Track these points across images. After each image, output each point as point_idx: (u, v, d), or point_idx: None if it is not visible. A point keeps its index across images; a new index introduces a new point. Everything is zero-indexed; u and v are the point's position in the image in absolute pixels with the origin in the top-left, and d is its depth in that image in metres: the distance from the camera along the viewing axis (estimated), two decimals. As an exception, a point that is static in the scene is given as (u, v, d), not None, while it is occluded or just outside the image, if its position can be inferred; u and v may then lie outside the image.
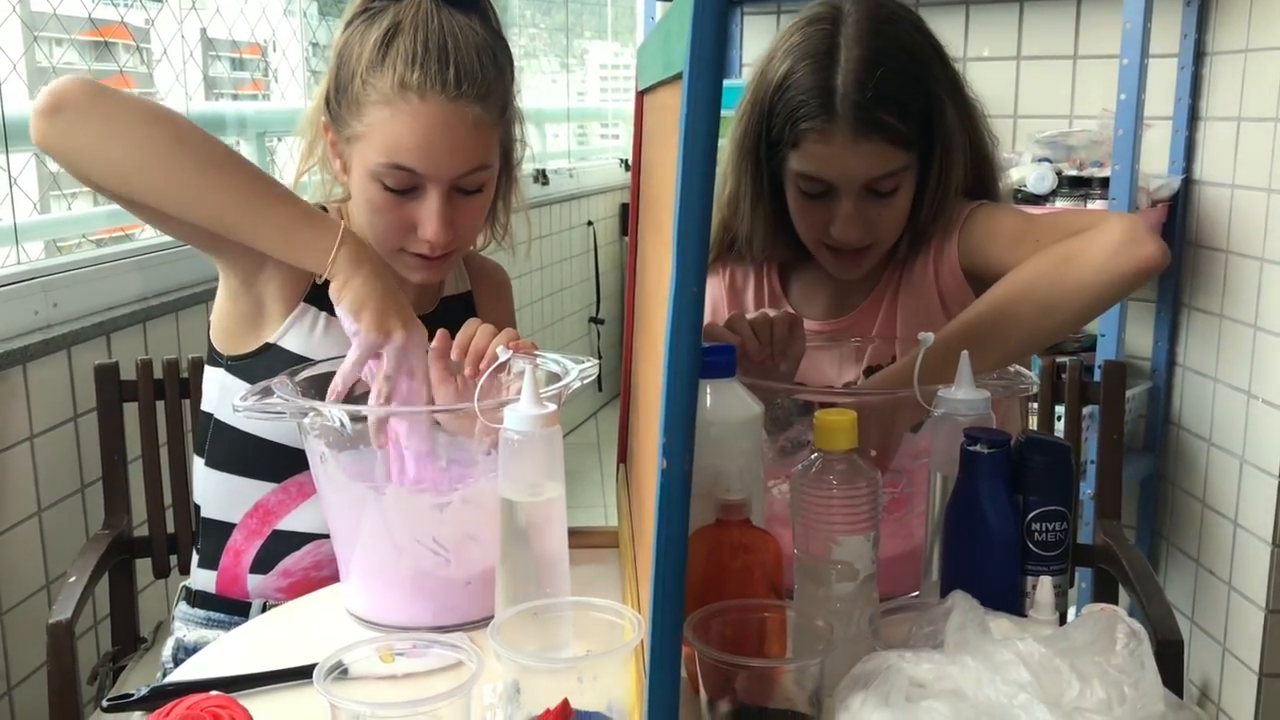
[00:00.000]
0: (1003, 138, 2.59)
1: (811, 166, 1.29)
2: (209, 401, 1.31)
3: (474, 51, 1.20)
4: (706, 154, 0.59)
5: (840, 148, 1.26)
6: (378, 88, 1.18)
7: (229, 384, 1.27)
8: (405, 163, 1.18)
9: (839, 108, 1.25)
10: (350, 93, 1.20)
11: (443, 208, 1.20)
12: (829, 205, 1.31)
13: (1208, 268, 2.33)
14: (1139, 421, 2.49)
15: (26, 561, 1.71)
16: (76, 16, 2.09)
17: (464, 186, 1.22)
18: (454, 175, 1.20)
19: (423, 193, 1.21)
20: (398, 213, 1.22)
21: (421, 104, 1.17)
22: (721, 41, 0.57)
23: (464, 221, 1.25)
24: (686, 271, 0.61)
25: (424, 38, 1.18)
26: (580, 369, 1.09)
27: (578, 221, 4.29)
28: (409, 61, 1.17)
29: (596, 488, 3.43)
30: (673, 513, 0.63)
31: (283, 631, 1.12)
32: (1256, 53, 2.15)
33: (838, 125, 1.25)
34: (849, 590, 0.94)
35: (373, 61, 1.18)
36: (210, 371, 1.31)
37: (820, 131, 1.26)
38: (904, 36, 1.29)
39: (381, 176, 1.20)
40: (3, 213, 1.83)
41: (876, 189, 1.29)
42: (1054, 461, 0.97)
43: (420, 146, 1.18)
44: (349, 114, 1.21)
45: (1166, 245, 1.16)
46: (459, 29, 1.20)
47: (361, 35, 1.21)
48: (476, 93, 1.19)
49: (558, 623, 0.90)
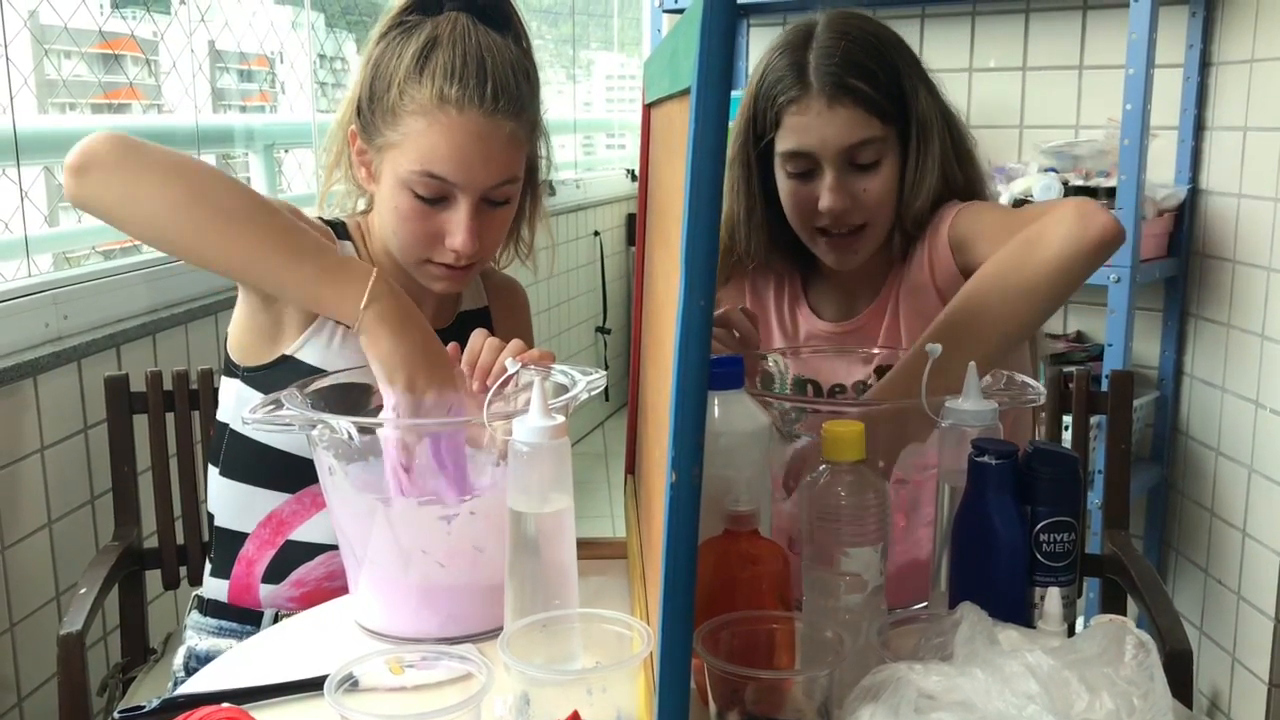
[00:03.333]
0: (1008, 148, 2.61)
1: (793, 141, 1.35)
2: (225, 412, 1.32)
3: (509, 69, 1.22)
4: (714, 168, 0.59)
5: (816, 116, 1.33)
6: (415, 98, 1.20)
7: (245, 395, 1.28)
8: (439, 172, 1.20)
9: (811, 79, 1.33)
10: (386, 102, 1.22)
11: (471, 218, 1.22)
12: (815, 183, 1.35)
13: (1215, 277, 2.33)
14: (1146, 431, 2.49)
15: (37, 573, 1.71)
16: (86, 30, 2.11)
17: (493, 198, 1.25)
18: (485, 186, 1.23)
19: (452, 202, 1.23)
20: (426, 222, 1.24)
21: (459, 116, 1.19)
22: (729, 58, 0.57)
23: (489, 233, 1.27)
24: (695, 284, 0.61)
25: (462, 52, 1.21)
26: (588, 380, 1.10)
27: (584, 232, 4.30)
28: (448, 75, 1.20)
29: (604, 498, 3.44)
30: (682, 525, 0.63)
31: (293, 643, 1.12)
32: (1262, 63, 2.15)
33: (811, 94, 1.33)
34: (857, 601, 0.94)
35: (411, 72, 1.21)
36: (227, 382, 1.32)
37: (796, 103, 1.33)
38: (874, 28, 1.39)
39: (413, 185, 1.22)
40: (10, 225, 1.84)
41: (857, 161, 1.34)
42: (1062, 472, 0.97)
43: (455, 157, 1.20)
44: (383, 123, 1.23)
45: (1117, 218, 1.19)
46: (495, 46, 1.23)
47: (399, 47, 1.23)
48: (512, 108, 1.22)
49: (567, 634, 0.90)
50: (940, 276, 1.38)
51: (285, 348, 1.26)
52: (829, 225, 1.37)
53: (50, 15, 2.00)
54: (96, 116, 2.32)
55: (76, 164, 1.09)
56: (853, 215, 1.36)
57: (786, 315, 1.50)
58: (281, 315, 1.26)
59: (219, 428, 1.33)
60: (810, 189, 1.36)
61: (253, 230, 1.11)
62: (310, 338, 1.26)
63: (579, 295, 4.32)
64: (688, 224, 0.60)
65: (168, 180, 1.10)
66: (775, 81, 1.35)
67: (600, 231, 4.42)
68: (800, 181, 1.37)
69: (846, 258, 1.40)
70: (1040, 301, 1.20)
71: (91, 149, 1.10)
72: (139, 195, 1.10)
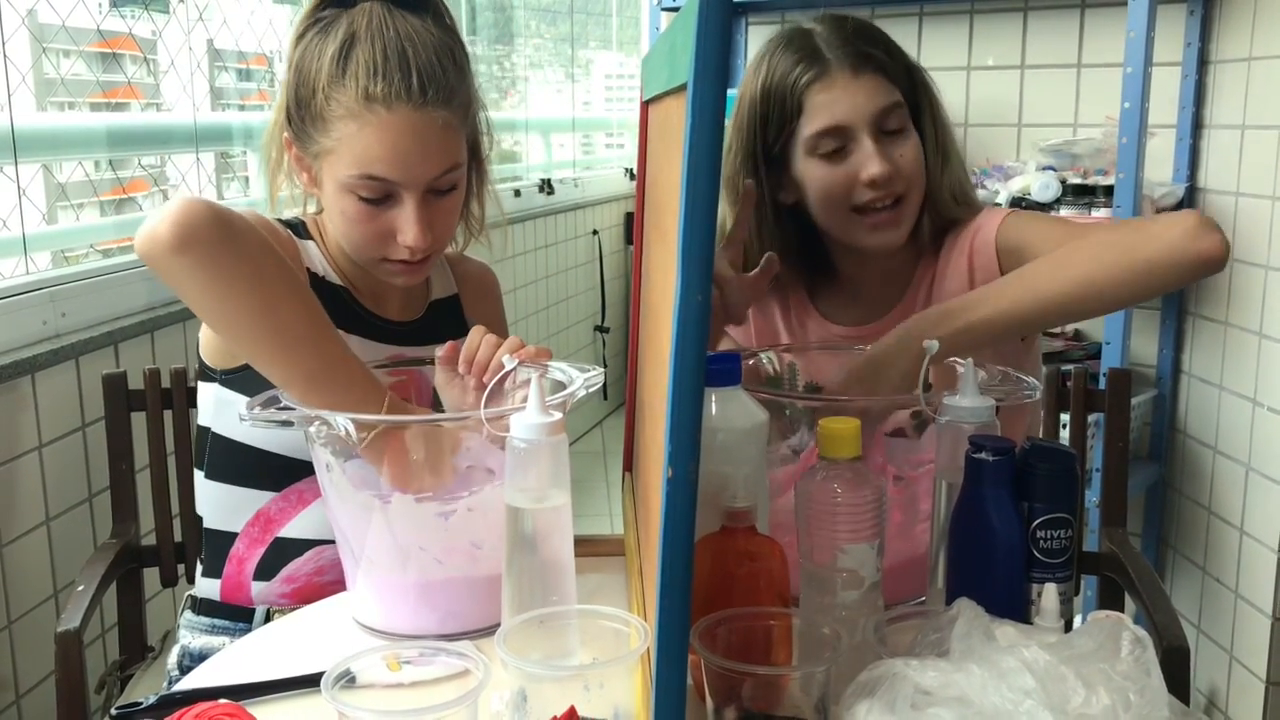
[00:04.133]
0: (1007, 146, 2.61)
1: (824, 118, 1.34)
2: (205, 415, 1.32)
3: (433, 55, 1.19)
4: (711, 163, 0.59)
5: (843, 88, 1.34)
6: (341, 102, 1.17)
7: (224, 397, 1.28)
8: (378, 173, 1.18)
9: (829, 55, 1.34)
10: (313, 108, 1.19)
11: (420, 212, 1.20)
12: (850, 160, 1.34)
13: (1213, 276, 2.33)
14: (1144, 429, 2.49)
15: (34, 570, 1.71)
16: (84, 28, 2.11)
17: (438, 188, 1.22)
18: (428, 179, 1.20)
19: (398, 200, 1.20)
20: (375, 222, 1.21)
21: (389, 114, 1.16)
22: (726, 54, 0.57)
23: (441, 221, 1.25)
24: (691, 280, 0.61)
25: (382, 47, 1.17)
26: (585, 377, 1.10)
27: (583, 230, 4.30)
28: (370, 73, 1.16)
29: (602, 496, 3.44)
30: (679, 521, 0.63)
31: (290, 639, 1.12)
32: (1260, 61, 2.15)
33: (832, 68, 1.34)
34: (854, 598, 0.95)
35: (333, 75, 1.18)
36: (204, 387, 1.32)
37: (820, 80, 1.34)
38: (870, 23, 1.41)
39: (355, 188, 1.19)
40: (8, 223, 1.84)
41: (886, 126, 1.35)
42: (1059, 469, 0.97)
43: (391, 156, 1.17)
44: (314, 130, 1.20)
45: (1228, 243, 1.20)
46: (415, 33, 1.19)
47: (318, 49, 1.20)
48: (441, 97, 1.19)
49: (564, 631, 0.90)
50: (980, 281, 1.36)
51: None
52: (872, 199, 1.34)
53: (48, 14, 2.00)
54: (95, 115, 2.32)
55: (176, 237, 1.02)
56: (895, 183, 1.35)
57: (796, 327, 1.49)
58: None
59: (200, 432, 1.33)
60: (846, 167, 1.34)
61: (308, 350, 1.07)
62: None
63: (577, 294, 4.32)
64: (684, 218, 0.60)
65: (252, 283, 1.05)
66: (788, 71, 1.35)
67: (599, 230, 4.42)
68: (834, 162, 1.35)
69: (889, 234, 1.37)
70: (1126, 283, 1.19)
71: (192, 224, 1.02)
72: (222, 290, 1.05)
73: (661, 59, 0.94)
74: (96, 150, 2.22)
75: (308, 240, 1.32)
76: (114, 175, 2.32)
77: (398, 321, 1.35)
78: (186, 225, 1.02)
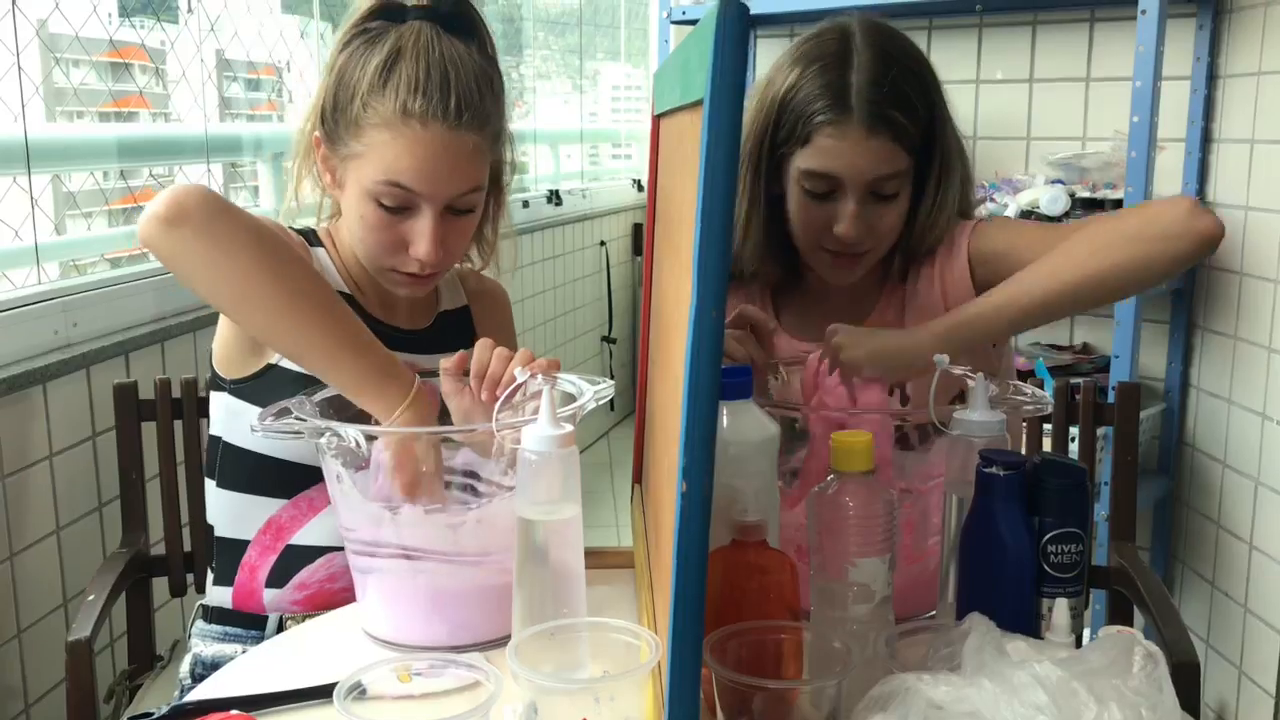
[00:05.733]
0: (1015, 159, 2.62)
1: (822, 162, 1.32)
2: (216, 425, 1.34)
3: (473, 80, 1.23)
4: (727, 181, 0.60)
5: (853, 143, 1.30)
6: (379, 111, 1.21)
7: (235, 407, 1.29)
8: (404, 182, 1.21)
9: (854, 103, 1.30)
10: (350, 113, 1.23)
11: (436, 228, 1.23)
12: (831, 205, 1.34)
13: (1222, 289, 2.33)
14: (1153, 443, 2.48)
15: (45, 579, 1.72)
16: (94, 38, 2.12)
17: (457, 207, 1.26)
18: (450, 196, 1.24)
19: (417, 212, 1.24)
20: (391, 231, 1.25)
21: (423, 130, 1.20)
22: (742, 72, 0.57)
23: (453, 240, 1.28)
24: (707, 295, 0.62)
25: (426, 65, 1.21)
26: (595, 390, 1.10)
27: (590, 241, 4.31)
28: (412, 88, 1.20)
29: (609, 507, 3.44)
30: (692, 535, 0.64)
31: (301, 651, 1.12)
32: (1269, 75, 2.15)
33: (851, 120, 1.30)
34: (865, 612, 0.95)
35: (374, 85, 1.21)
36: (215, 396, 1.33)
37: (834, 125, 1.30)
38: (911, 51, 1.36)
39: (379, 195, 1.22)
40: (20, 233, 1.85)
41: (879, 190, 1.33)
42: (1069, 484, 0.97)
43: (419, 169, 1.21)
44: (347, 133, 1.24)
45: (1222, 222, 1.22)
46: (459, 57, 1.23)
47: (363, 57, 1.23)
48: (476, 121, 1.22)
49: (575, 643, 0.90)
50: (953, 296, 1.37)
51: (270, 357, 1.27)
52: (838, 248, 1.36)
53: (59, 23, 2.01)
54: (106, 125, 2.33)
55: (168, 214, 1.07)
56: (864, 242, 1.35)
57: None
58: None
59: (211, 441, 1.34)
60: (825, 210, 1.34)
61: (316, 318, 1.11)
62: None
63: (585, 305, 4.33)
64: (700, 236, 0.61)
65: (251, 253, 1.09)
66: (812, 98, 1.31)
67: (606, 241, 4.43)
68: (816, 201, 1.35)
69: (844, 275, 1.40)
70: (1140, 260, 1.21)
71: (183, 202, 1.07)
72: (221, 262, 1.09)
73: (675, 74, 0.94)
74: (107, 161, 2.23)
75: (318, 248, 1.34)
76: (124, 184, 2.33)
77: (406, 330, 1.36)
78: (180, 202, 1.08)
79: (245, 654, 1.15)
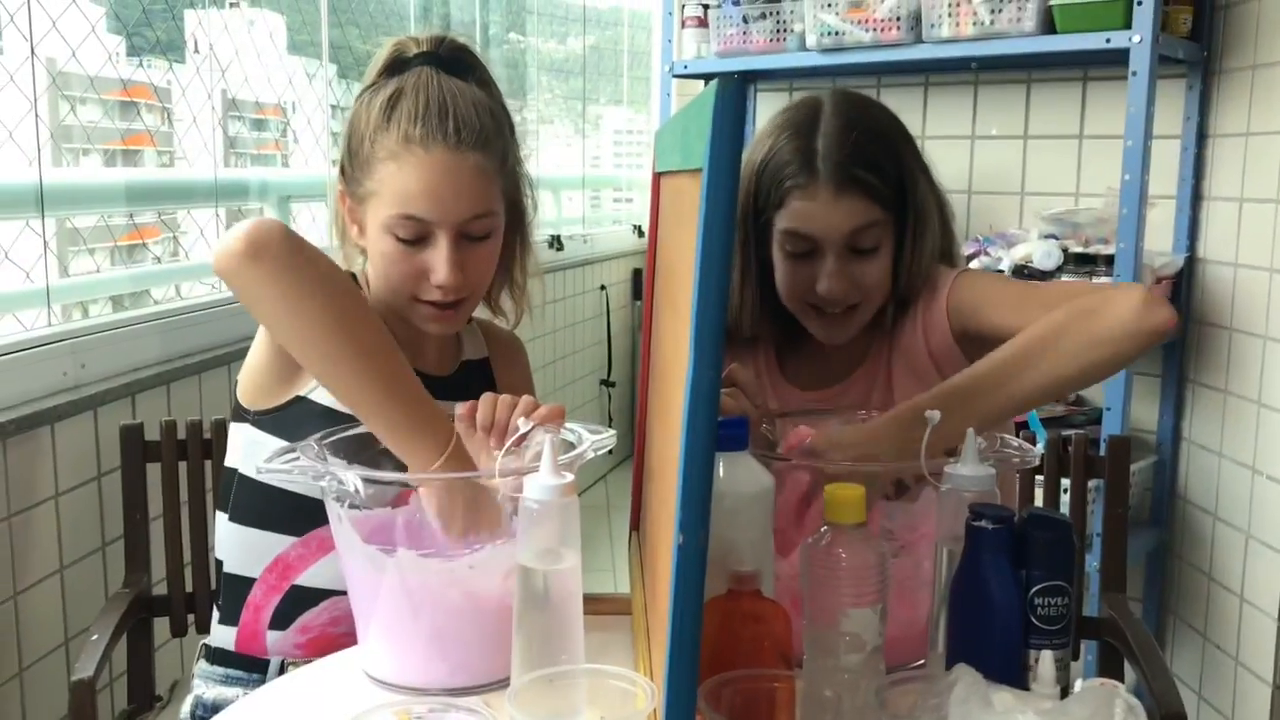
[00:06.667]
0: (1009, 214, 2.66)
1: (797, 223, 1.38)
2: (234, 457, 1.35)
3: (472, 106, 1.29)
4: (723, 247, 0.63)
5: (823, 204, 1.36)
6: (385, 145, 1.27)
7: (257, 438, 1.30)
8: (414, 211, 1.26)
9: (820, 167, 1.36)
10: (361, 155, 1.29)
11: (452, 252, 1.27)
12: (813, 264, 1.39)
13: (1212, 344, 2.37)
14: (1145, 495, 2.51)
15: (47, 618, 1.73)
16: (99, 77, 2.15)
17: (471, 232, 1.29)
18: (460, 219, 1.28)
19: (432, 240, 1.28)
20: (410, 262, 1.29)
21: (426, 154, 1.25)
22: (739, 146, 0.61)
23: (474, 268, 1.31)
24: (703, 357, 0.65)
25: (425, 98, 1.27)
26: (595, 440, 1.13)
27: (591, 286, 4.34)
28: (412, 118, 1.26)
29: (606, 552, 3.44)
30: (688, 585, 0.66)
31: (302, 692, 1.14)
32: (1257, 136, 2.20)
33: (819, 182, 1.36)
34: (857, 661, 0.96)
35: (379, 123, 1.28)
36: (236, 427, 1.35)
37: (804, 189, 1.37)
38: (878, 115, 1.44)
39: (393, 228, 1.27)
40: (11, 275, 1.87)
41: (858, 246, 1.38)
42: (1056, 538, 1.00)
43: (426, 194, 1.26)
44: (361, 174, 1.29)
45: (1175, 313, 1.24)
46: (458, 89, 1.30)
47: (368, 103, 1.30)
48: (476, 141, 1.27)
49: (572, 689, 0.92)
50: (934, 340, 1.42)
51: (300, 388, 1.29)
52: (825, 305, 1.41)
53: (65, 62, 2.04)
54: (114, 170, 2.37)
55: (250, 248, 1.11)
56: (851, 297, 1.40)
57: (768, 389, 1.52)
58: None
59: (227, 473, 1.36)
60: (808, 269, 1.40)
61: (371, 366, 1.14)
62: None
63: (584, 348, 4.35)
64: (697, 300, 0.64)
65: (322, 300, 1.13)
66: (782, 165, 1.38)
67: (606, 286, 4.47)
68: (798, 261, 1.40)
69: (837, 333, 1.44)
70: (1091, 369, 1.24)
71: (263, 240, 1.11)
72: (294, 303, 1.13)
73: (675, 138, 0.98)
74: (115, 204, 2.26)
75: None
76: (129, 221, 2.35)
77: (432, 375, 1.39)
78: (260, 238, 1.12)
79: (246, 696, 1.17)
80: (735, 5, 2.70)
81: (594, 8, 4.64)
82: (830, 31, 2.52)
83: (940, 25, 2.38)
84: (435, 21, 3.50)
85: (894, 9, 2.43)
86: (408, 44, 1.33)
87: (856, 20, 2.48)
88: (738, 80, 0.64)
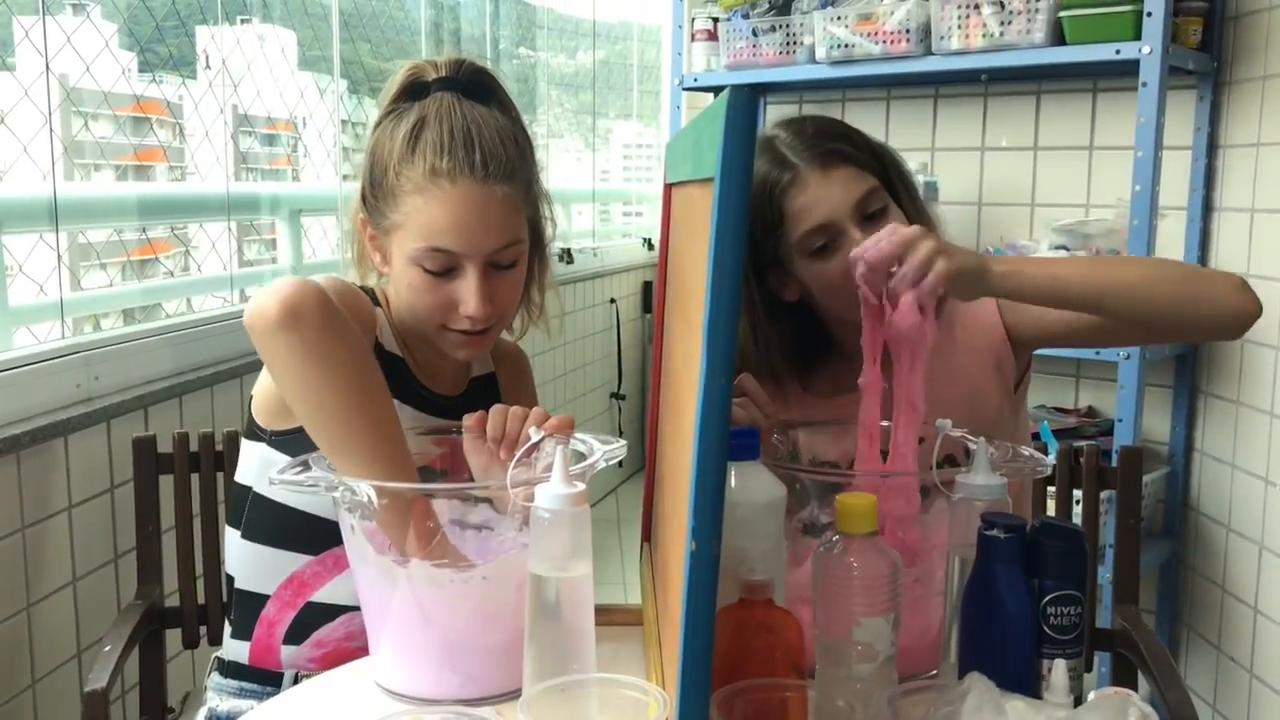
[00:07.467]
0: (1020, 225, 2.66)
1: (807, 221, 1.38)
2: (247, 475, 1.35)
3: (496, 135, 1.27)
4: (735, 258, 0.63)
5: (816, 187, 1.37)
6: (410, 178, 1.25)
7: (272, 458, 1.30)
8: (442, 244, 1.25)
9: (795, 160, 1.39)
10: (385, 186, 1.27)
11: (481, 284, 1.26)
12: (842, 254, 1.35)
13: (1224, 355, 2.36)
14: (1158, 506, 2.50)
15: (60, 629, 1.74)
16: (120, 93, 2.17)
17: (499, 262, 1.29)
18: (488, 251, 1.27)
19: (461, 271, 1.27)
20: (438, 293, 1.28)
21: (453, 188, 1.24)
22: (750, 156, 0.61)
23: (502, 296, 1.31)
24: (716, 364, 0.65)
25: (449, 127, 1.25)
26: (606, 450, 1.13)
27: (601, 299, 4.35)
28: (438, 150, 1.24)
29: (616, 564, 3.44)
30: (701, 594, 0.66)
31: (314, 705, 1.14)
32: (1268, 146, 2.20)
33: (802, 171, 1.38)
34: (869, 671, 0.96)
35: (404, 154, 1.26)
36: (250, 445, 1.34)
37: (793, 185, 1.38)
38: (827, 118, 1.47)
39: (421, 260, 1.26)
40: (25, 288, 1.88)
41: (868, 211, 1.38)
42: (1069, 546, 1.00)
43: (455, 228, 1.24)
44: (386, 206, 1.28)
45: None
46: (480, 117, 1.28)
47: (391, 132, 1.28)
48: (503, 172, 1.26)
49: (584, 699, 0.92)
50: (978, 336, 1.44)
51: None
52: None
53: (78, 78, 2.06)
54: (127, 185, 2.38)
55: (285, 316, 1.09)
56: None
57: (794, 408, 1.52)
58: None
59: (239, 491, 1.36)
60: (840, 260, 1.37)
61: (382, 446, 1.12)
62: None
63: (594, 361, 4.36)
64: (709, 307, 0.64)
65: (344, 383, 1.11)
66: (762, 181, 1.39)
67: (616, 299, 4.47)
68: (827, 257, 1.38)
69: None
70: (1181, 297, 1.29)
71: (300, 306, 1.09)
72: (319, 377, 1.11)
73: (686, 149, 0.98)
74: (128, 218, 2.28)
75: (378, 308, 1.37)
76: (142, 235, 2.37)
77: (446, 395, 1.40)
78: (295, 305, 1.09)
79: (259, 706, 1.17)
80: (745, 18, 2.71)
81: (604, 22, 4.66)
82: (840, 44, 2.53)
83: (950, 37, 2.38)
84: (445, 37, 3.51)
85: (903, 21, 2.44)
86: (425, 68, 1.32)
87: (866, 33, 2.49)
88: (749, 89, 0.64)
